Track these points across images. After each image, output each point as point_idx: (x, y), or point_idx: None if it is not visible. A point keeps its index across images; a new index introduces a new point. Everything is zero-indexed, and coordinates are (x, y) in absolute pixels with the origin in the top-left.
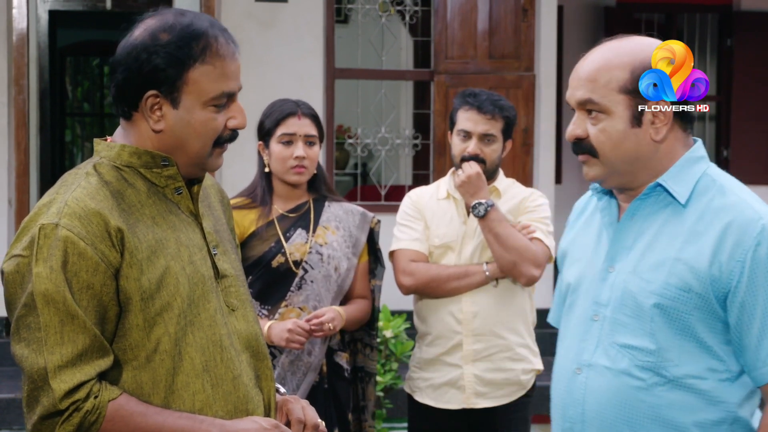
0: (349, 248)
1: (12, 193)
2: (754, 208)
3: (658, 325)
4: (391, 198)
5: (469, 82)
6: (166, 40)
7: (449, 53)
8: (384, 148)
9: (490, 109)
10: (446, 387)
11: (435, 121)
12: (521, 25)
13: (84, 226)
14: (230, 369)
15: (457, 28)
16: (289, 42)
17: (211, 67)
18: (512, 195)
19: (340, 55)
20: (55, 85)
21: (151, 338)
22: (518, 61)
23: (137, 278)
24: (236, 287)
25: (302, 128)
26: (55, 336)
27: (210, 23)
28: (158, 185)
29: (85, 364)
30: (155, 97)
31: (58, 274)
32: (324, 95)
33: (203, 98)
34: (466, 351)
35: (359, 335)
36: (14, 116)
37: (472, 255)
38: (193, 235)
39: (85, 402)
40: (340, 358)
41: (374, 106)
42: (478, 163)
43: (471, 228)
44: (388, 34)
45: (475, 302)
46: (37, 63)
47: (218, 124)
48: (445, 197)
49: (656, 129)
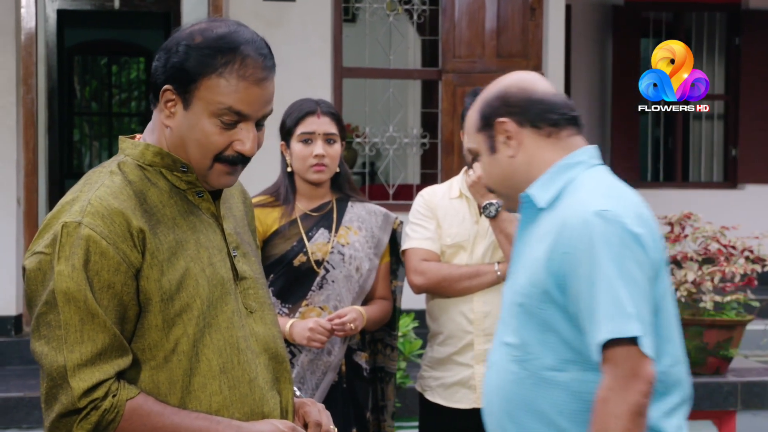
0: (371, 249)
1: (20, 192)
2: (586, 202)
3: (521, 322)
4: (399, 197)
5: (476, 81)
6: (196, 43)
7: (457, 52)
8: (392, 147)
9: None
10: (457, 386)
11: (443, 120)
12: (529, 24)
13: (106, 225)
14: (247, 371)
15: (464, 27)
16: (296, 41)
17: (226, 82)
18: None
19: (347, 55)
20: (63, 85)
21: (169, 339)
22: (526, 60)
23: (158, 279)
24: (255, 289)
25: (321, 126)
26: (75, 334)
27: (249, 42)
28: (179, 187)
29: (105, 363)
30: (171, 92)
31: (79, 273)
32: (332, 94)
33: (210, 108)
34: (477, 351)
35: (380, 335)
36: (23, 115)
37: (484, 255)
38: (213, 236)
39: (103, 401)
40: (359, 358)
41: (382, 105)
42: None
43: (483, 228)
44: (396, 33)
45: (487, 302)
46: (46, 62)
47: (219, 139)
48: (458, 196)
49: (509, 147)
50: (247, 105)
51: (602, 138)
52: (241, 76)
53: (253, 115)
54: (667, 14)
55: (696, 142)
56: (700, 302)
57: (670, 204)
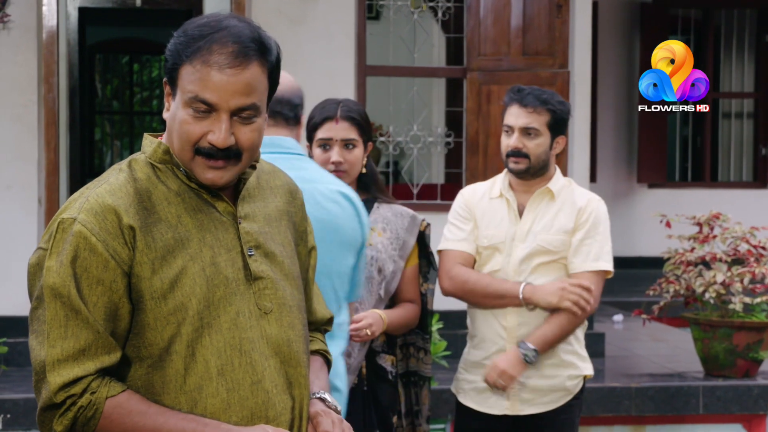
0: (396, 251)
1: (42, 192)
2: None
3: None
4: (423, 197)
5: (502, 79)
6: (178, 33)
7: (482, 50)
8: (416, 146)
9: (531, 102)
10: (490, 392)
11: (468, 119)
12: (555, 22)
13: (98, 222)
14: (249, 374)
15: (490, 24)
16: (319, 39)
17: (193, 68)
18: (567, 199)
19: (371, 53)
20: (84, 83)
21: (163, 338)
22: (552, 58)
23: (148, 277)
24: (274, 290)
25: (339, 133)
26: (59, 330)
27: (225, 29)
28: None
29: (87, 360)
30: (166, 84)
31: (66, 269)
32: (355, 93)
33: (183, 97)
34: None
35: (412, 339)
36: (44, 114)
37: (523, 260)
38: (223, 235)
39: (80, 397)
40: (383, 360)
41: (406, 104)
42: (522, 158)
43: (522, 230)
44: (420, 31)
45: (521, 314)
46: (67, 61)
47: (192, 130)
48: (498, 196)
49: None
50: (212, 93)
51: (629, 137)
52: (204, 62)
53: (222, 104)
54: (695, 12)
55: (725, 141)
56: (730, 304)
57: (698, 204)
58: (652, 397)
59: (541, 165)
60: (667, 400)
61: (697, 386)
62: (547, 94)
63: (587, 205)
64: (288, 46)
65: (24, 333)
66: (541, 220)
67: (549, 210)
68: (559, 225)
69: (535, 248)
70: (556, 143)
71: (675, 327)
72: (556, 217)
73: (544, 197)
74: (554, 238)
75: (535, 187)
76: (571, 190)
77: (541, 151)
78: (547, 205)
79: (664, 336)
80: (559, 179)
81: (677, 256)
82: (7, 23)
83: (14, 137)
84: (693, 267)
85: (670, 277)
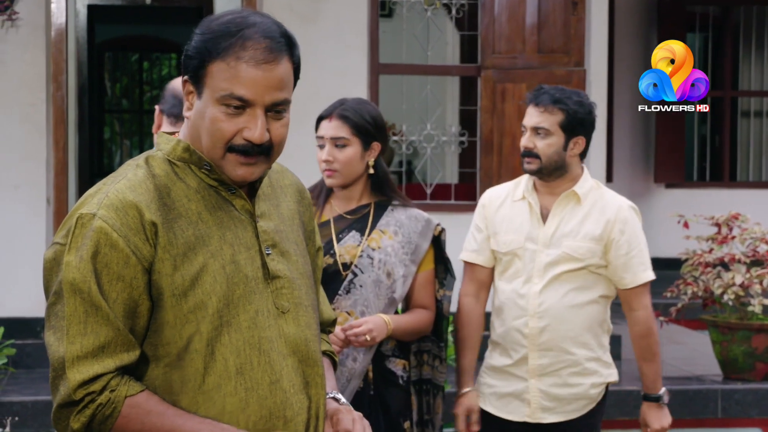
0: (408, 255)
1: (50, 192)
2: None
3: None
4: (437, 197)
5: (516, 77)
6: (203, 30)
7: (497, 48)
8: (429, 145)
9: (544, 101)
10: (510, 397)
11: (482, 118)
12: (571, 19)
13: (120, 217)
14: (268, 373)
15: (504, 21)
16: (331, 37)
17: (226, 65)
18: (595, 204)
19: (384, 51)
20: (93, 82)
21: (182, 336)
22: (568, 56)
23: (170, 274)
24: (291, 289)
25: (329, 131)
26: (78, 326)
27: (255, 25)
28: (210, 183)
29: (107, 357)
30: (187, 83)
31: (87, 264)
32: (368, 91)
33: (215, 94)
34: (531, 365)
35: (427, 346)
36: (52, 113)
37: (546, 267)
38: (242, 233)
39: (99, 395)
40: (393, 365)
41: (419, 103)
42: (533, 158)
43: (546, 235)
44: (434, 29)
45: (543, 317)
46: (76, 59)
47: (226, 126)
48: (520, 199)
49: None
50: (248, 89)
51: (646, 136)
52: (239, 58)
53: (258, 100)
54: (714, 8)
55: (744, 140)
56: (749, 306)
57: (716, 204)
58: (670, 400)
59: (554, 166)
60: (685, 403)
61: (715, 390)
62: (564, 93)
63: (618, 213)
64: (300, 44)
65: (32, 335)
66: (567, 225)
67: (575, 214)
68: (586, 231)
69: (561, 255)
70: (574, 144)
71: (693, 329)
72: (583, 223)
73: (569, 201)
74: (580, 245)
75: (560, 189)
76: (600, 193)
77: (552, 151)
78: (573, 209)
79: (682, 338)
80: (586, 181)
81: (695, 258)
82: (15, 21)
83: (22, 136)
84: (711, 268)
85: (687, 278)
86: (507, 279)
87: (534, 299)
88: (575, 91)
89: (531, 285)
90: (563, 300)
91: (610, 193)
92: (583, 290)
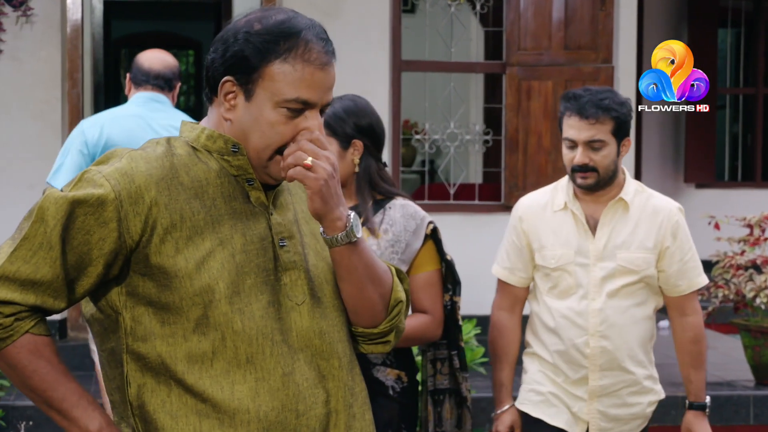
0: (397, 254)
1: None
2: None
3: None
4: (460, 197)
5: (542, 74)
6: (256, 30)
7: (522, 44)
8: (453, 144)
9: (593, 113)
10: (562, 412)
11: (507, 116)
12: (599, 14)
13: (123, 182)
14: (280, 365)
15: (530, 17)
16: (353, 33)
17: (291, 68)
18: (644, 210)
19: (406, 47)
20: (109, 79)
21: (189, 318)
22: (595, 53)
23: (172, 255)
24: (306, 280)
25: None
26: (27, 252)
27: (309, 27)
28: (231, 172)
29: (32, 293)
30: (231, 83)
31: (66, 204)
32: (390, 89)
33: (276, 98)
34: (592, 386)
35: (442, 354)
36: (68, 111)
37: (603, 281)
38: (255, 225)
39: (5, 317)
40: (382, 374)
41: (443, 100)
42: (589, 172)
43: (597, 248)
44: (458, 25)
45: (605, 335)
46: (92, 55)
47: (285, 130)
48: (562, 208)
49: None
50: (312, 91)
51: (676, 135)
52: (306, 60)
53: (319, 101)
54: (746, 3)
55: None
56: None
57: (748, 205)
58: None
59: (610, 176)
60: (716, 409)
61: (747, 396)
62: (606, 97)
63: (672, 217)
64: None
65: None
66: (619, 236)
67: (626, 223)
68: (639, 241)
69: (616, 268)
70: (623, 147)
71: (724, 333)
72: (635, 232)
73: (618, 209)
74: (636, 256)
75: (605, 197)
76: (646, 197)
77: (609, 161)
78: (621, 218)
79: (713, 343)
80: (630, 185)
81: (726, 260)
82: (30, 17)
83: (37, 135)
84: (743, 271)
85: (718, 281)
86: (558, 296)
87: (594, 317)
88: (610, 91)
89: (588, 302)
90: (625, 317)
91: (656, 196)
92: (641, 305)
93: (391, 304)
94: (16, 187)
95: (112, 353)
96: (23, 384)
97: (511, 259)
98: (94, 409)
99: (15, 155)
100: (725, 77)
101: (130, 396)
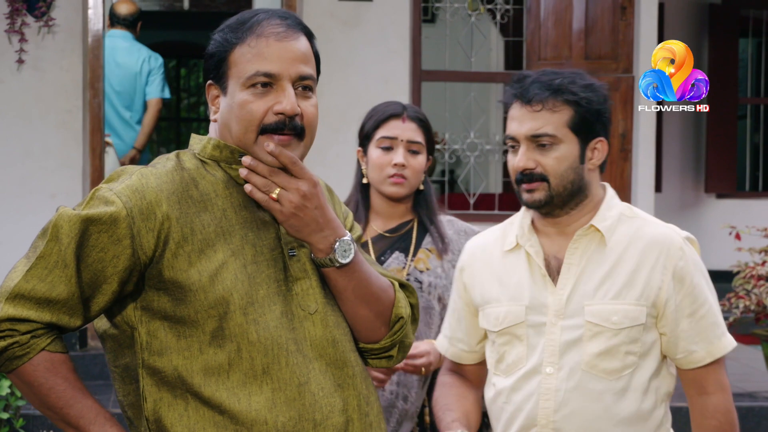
0: None
1: None
2: None
3: None
4: (480, 207)
5: None
6: (220, 29)
7: (542, 54)
8: (473, 154)
9: (537, 96)
10: None
11: None
12: (619, 24)
13: (135, 199)
14: (296, 374)
15: (550, 27)
16: (373, 42)
17: (248, 46)
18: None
19: (426, 57)
20: None
21: (205, 331)
22: (616, 62)
23: (185, 270)
24: (316, 289)
25: (405, 132)
26: (42, 270)
27: (268, 11)
28: (238, 182)
29: (47, 311)
30: (212, 86)
31: (79, 222)
32: (410, 98)
33: (241, 79)
34: None
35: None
36: (89, 120)
37: (563, 352)
38: (265, 234)
39: (22, 335)
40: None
41: (463, 110)
42: (536, 182)
43: (558, 301)
44: (478, 34)
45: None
46: None
47: (256, 107)
48: (513, 247)
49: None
50: (272, 63)
51: (696, 145)
52: (259, 35)
53: (284, 73)
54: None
55: None
56: None
57: None
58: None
59: (570, 188)
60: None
61: None
62: (561, 76)
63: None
64: (341, 49)
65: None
66: (590, 280)
67: (600, 262)
68: (620, 287)
69: (587, 330)
70: (593, 150)
71: (745, 344)
72: (613, 273)
73: (589, 241)
74: (616, 308)
75: (573, 226)
76: (636, 225)
77: (565, 168)
78: (595, 254)
79: (734, 354)
80: (610, 207)
81: (747, 270)
82: (52, 27)
83: (59, 144)
84: (764, 281)
85: (739, 291)
86: (505, 371)
87: (546, 401)
88: (577, 72)
89: (542, 378)
90: (597, 406)
91: (652, 223)
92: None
93: (392, 320)
94: (38, 197)
95: (126, 369)
96: (40, 402)
97: (451, 325)
98: (112, 425)
99: (37, 165)
100: (746, 87)
101: (146, 411)
